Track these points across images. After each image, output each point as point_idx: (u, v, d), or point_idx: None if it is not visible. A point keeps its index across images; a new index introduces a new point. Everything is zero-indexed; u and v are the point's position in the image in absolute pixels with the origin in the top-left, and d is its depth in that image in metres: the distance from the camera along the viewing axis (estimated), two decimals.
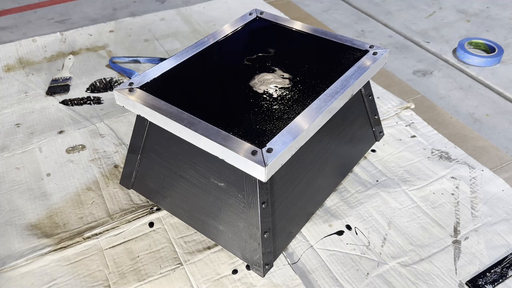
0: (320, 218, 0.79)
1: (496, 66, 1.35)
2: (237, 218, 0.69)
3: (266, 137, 0.61)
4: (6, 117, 1.03)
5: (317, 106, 0.66)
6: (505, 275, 0.69)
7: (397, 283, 0.69)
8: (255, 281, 0.70)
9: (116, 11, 1.68)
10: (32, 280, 0.70)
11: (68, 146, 0.95)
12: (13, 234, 0.77)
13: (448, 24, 1.59)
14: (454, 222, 0.78)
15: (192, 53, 0.80)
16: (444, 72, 1.33)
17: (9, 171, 0.89)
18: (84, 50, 1.27)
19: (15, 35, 1.50)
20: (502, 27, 1.56)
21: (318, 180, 0.78)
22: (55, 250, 0.74)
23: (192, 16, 1.44)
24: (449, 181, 0.86)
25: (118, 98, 0.71)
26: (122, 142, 0.95)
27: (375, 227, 0.77)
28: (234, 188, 0.67)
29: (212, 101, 0.69)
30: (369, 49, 0.79)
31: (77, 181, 0.87)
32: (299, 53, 0.80)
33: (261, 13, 0.91)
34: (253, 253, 0.69)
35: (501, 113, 1.16)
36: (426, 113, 1.03)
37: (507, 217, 0.79)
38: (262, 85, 0.72)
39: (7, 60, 1.22)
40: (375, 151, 0.93)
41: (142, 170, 0.80)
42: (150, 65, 1.19)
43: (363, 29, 1.57)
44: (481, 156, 0.92)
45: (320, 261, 0.72)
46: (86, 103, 1.07)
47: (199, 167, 0.71)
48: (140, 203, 0.82)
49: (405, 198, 0.83)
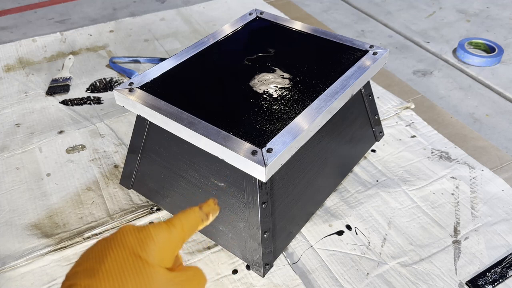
0: (320, 218, 0.79)
1: (496, 66, 1.35)
2: (237, 218, 0.69)
3: (266, 137, 0.61)
4: (6, 117, 1.03)
5: (317, 106, 0.66)
6: (505, 275, 0.69)
7: (397, 283, 0.69)
8: (255, 281, 0.70)
9: (116, 11, 1.68)
10: (32, 280, 0.70)
11: (68, 146, 0.95)
12: (13, 234, 0.77)
13: (448, 24, 1.59)
14: (454, 222, 0.78)
15: (192, 53, 0.80)
16: (444, 72, 1.33)
17: (9, 171, 0.89)
18: (84, 50, 1.27)
19: (15, 35, 1.50)
20: (502, 27, 1.56)
21: (318, 180, 0.78)
22: (55, 250, 0.74)
23: (192, 16, 1.44)
24: (449, 181, 0.86)
25: (118, 98, 0.71)
26: (122, 142, 0.95)
27: (375, 227, 0.77)
28: (234, 188, 0.67)
29: (212, 101, 0.69)
30: (369, 49, 0.79)
31: (77, 181, 0.87)
32: (299, 53, 0.80)
33: (261, 13, 0.91)
34: (253, 253, 0.69)
35: (501, 113, 1.16)
36: (426, 113, 1.03)
37: (507, 217, 0.79)
38: (262, 85, 0.72)
39: (7, 60, 1.22)
40: (375, 151, 0.93)
41: (142, 170, 0.80)
42: (150, 65, 1.19)
43: (363, 29, 1.57)
44: (481, 156, 0.92)
45: (320, 261, 0.72)
46: (86, 103, 1.07)
47: (199, 167, 0.71)
48: (140, 203, 0.82)
49: (405, 198, 0.83)
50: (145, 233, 0.34)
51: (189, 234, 0.37)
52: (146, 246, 0.33)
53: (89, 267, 0.31)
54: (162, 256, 0.33)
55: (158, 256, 0.33)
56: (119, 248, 0.32)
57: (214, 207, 0.41)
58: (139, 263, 0.32)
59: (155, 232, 0.34)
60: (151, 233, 0.34)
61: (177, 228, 0.36)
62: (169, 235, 0.35)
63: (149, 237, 0.33)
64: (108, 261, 0.31)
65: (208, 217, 0.40)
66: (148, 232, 0.34)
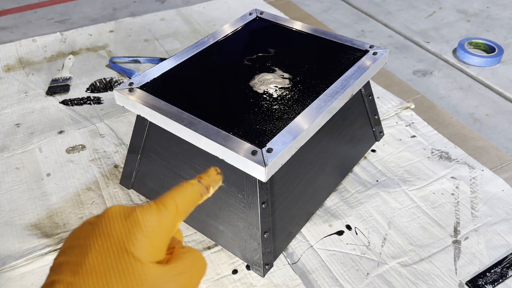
0: (320, 218, 0.79)
1: (496, 66, 1.35)
2: (237, 218, 0.69)
3: (266, 137, 0.61)
4: (6, 117, 1.03)
5: (317, 106, 0.66)
6: (505, 275, 0.69)
7: (397, 283, 0.69)
8: (255, 281, 0.70)
9: (116, 11, 1.68)
10: (32, 280, 0.70)
11: (68, 146, 0.95)
12: (13, 234, 0.77)
13: (448, 24, 1.59)
14: (454, 222, 0.78)
15: (192, 53, 0.80)
16: (444, 72, 1.33)
17: (9, 171, 0.89)
18: (84, 50, 1.27)
19: (15, 35, 1.50)
20: (502, 27, 1.56)
21: (318, 180, 0.78)
22: (55, 250, 0.74)
23: (192, 16, 1.44)
24: (449, 181, 0.86)
25: (118, 98, 0.71)
26: (122, 142, 0.95)
27: (375, 227, 0.77)
28: (234, 188, 0.67)
29: (212, 101, 0.69)
30: (369, 49, 0.79)
31: (77, 181, 0.87)
32: (299, 53, 0.80)
33: (261, 13, 0.91)
34: (253, 253, 0.69)
35: (501, 113, 1.16)
36: (426, 113, 1.03)
37: (507, 217, 0.79)
38: (262, 85, 0.72)
39: (7, 60, 1.22)
40: (375, 151, 0.93)
41: (142, 170, 0.80)
42: (150, 65, 1.19)
43: (363, 29, 1.57)
44: (481, 156, 0.92)
45: (320, 261, 0.72)
46: (86, 103, 1.07)
47: (199, 167, 0.71)
48: (140, 203, 0.82)
49: (405, 198, 0.83)
50: (132, 220, 0.29)
51: (185, 214, 0.32)
52: (134, 238, 0.28)
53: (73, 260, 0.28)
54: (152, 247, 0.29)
55: (148, 248, 0.29)
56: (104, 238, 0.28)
57: (216, 177, 0.35)
58: (126, 258, 0.28)
59: (143, 219, 0.29)
60: (139, 220, 0.29)
61: (170, 209, 0.31)
62: (160, 219, 0.30)
63: (137, 226, 0.29)
64: (93, 254, 0.28)
65: (208, 190, 0.34)
66: (135, 219, 0.29)
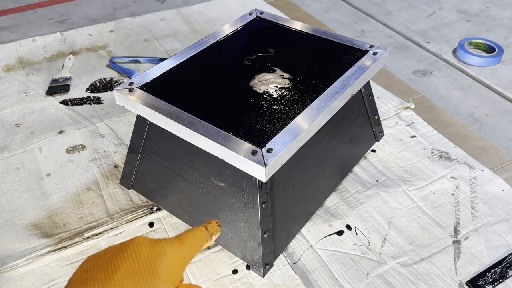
0: (320, 218, 0.79)
1: (496, 66, 1.35)
2: (237, 218, 0.69)
3: (266, 137, 0.61)
4: (6, 117, 1.03)
5: (317, 106, 0.66)
6: (505, 275, 0.69)
7: (397, 283, 0.69)
8: (255, 281, 0.70)
9: (116, 11, 1.68)
10: (32, 280, 0.70)
11: (68, 146, 0.95)
12: (13, 234, 0.77)
13: (448, 24, 1.59)
14: (454, 222, 0.78)
15: (192, 53, 0.80)
16: (444, 72, 1.33)
17: (9, 171, 0.89)
18: (84, 50, 1.27)
19: (15, 35, 1.50)
20: (502, 27, 1.56)
21: (318, 180, 0.78)
22: (55, 250, 0.74)
23: (192, 16, 1.44)
24: (449, 181, 0.86)
25: (118, 98, 0.71)
26: (122, 142, 0.95)
27: (375, 227, 0.77)
28: (234, 188, 0.67)
29: (212, 101, 0.69)
30: (369, 49, 0.79)
31: (77, 181, 0.87)
32: (299, 53, 0.80)
33: (261, 13, 0.91)
34: (253, 253, 0.69)
35: (501, 113, 1.16)
36: (426, 113, 1.03)
37: (507, 217, 0.79)
38: (262, 85, 0.72)
39: (7, 60, 1.22)
40: (375, 151, 0.93)
41: (142, 170, 0.80)
42: (150, 65, 1.19)
43: (363, 29, 1.57)
44: (481, 156, 0.92)
45: (320, 261, 0.72)
46: (86, 103, 1.07)
47: (199, 167, 0.71)
48: (140, 203, 0.82)
49: (405, 198, 0.83)
50: (159, 248, 0.34)
51: (196, 252, 0.38)
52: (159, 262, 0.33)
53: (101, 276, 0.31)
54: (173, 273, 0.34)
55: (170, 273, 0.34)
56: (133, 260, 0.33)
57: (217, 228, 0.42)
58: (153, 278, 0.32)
59: (168, 249, 0.35)
60: (165, 249, 0.34)
61: (187, 246, 0.37)
62: (180, 252, 0.35)
63: (163, 253, 0.34)
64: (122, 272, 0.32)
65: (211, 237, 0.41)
66: (162, 248, 0.34)
